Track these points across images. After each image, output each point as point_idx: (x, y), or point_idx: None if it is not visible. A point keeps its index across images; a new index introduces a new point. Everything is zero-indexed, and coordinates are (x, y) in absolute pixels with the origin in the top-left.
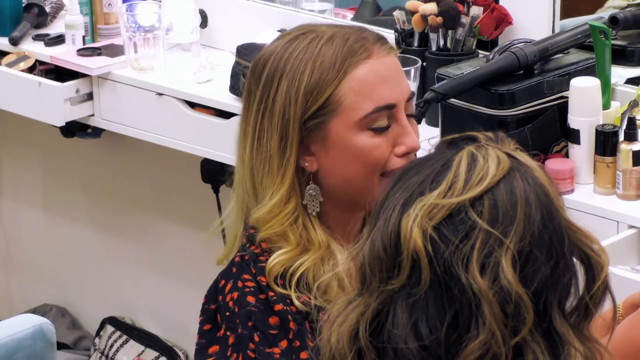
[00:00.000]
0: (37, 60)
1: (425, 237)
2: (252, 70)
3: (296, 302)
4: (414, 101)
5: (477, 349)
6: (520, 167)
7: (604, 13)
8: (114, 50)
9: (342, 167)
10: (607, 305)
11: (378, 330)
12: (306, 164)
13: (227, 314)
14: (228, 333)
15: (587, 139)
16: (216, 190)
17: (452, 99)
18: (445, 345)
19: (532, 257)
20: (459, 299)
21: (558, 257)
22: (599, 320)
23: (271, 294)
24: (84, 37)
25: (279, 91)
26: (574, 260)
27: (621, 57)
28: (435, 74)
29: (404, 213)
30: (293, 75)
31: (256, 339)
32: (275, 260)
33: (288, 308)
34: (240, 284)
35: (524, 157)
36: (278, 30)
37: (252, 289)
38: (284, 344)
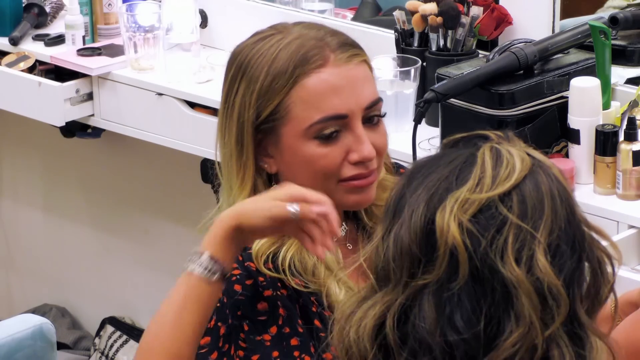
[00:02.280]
0: (37, 60)
1: (462, 230)
2: (227, 64)
3: (292, 283)
4: (380, 105)
5: (515, 342)
6: (541, 164)
7: (604, 13)
8: (114, 50)
9: (295, 173)
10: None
11: (402, 323)
12: (265, 166)
13: (217, 305)
14: (219, 324)
15: (587, 139)
16: (216, 191)
17: (452, 99)
18: (483, 339)
19: (559, 251)
20: (494, 292)
21: (581, 252)
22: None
23: (261, 279)
24: (84, 37)
25: (238, 93)
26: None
27: (621, 57)
28: (435, 74)
29: (435, 208)
30: (250, 78)
31: (246, 328)
32: (259, 246)
33: (278, 292)
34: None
35: (538, 155)
36: None
37: (238, 277)
38: (273, 329)
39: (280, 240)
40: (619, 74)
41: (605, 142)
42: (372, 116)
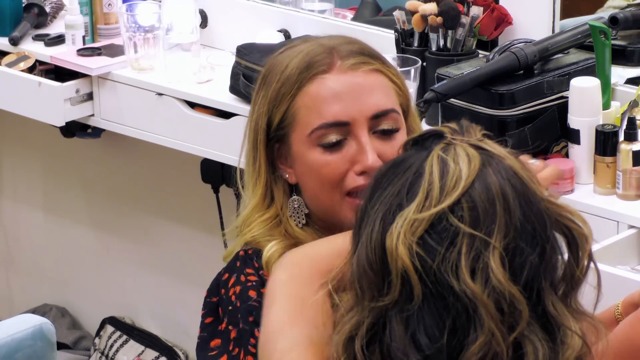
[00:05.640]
0: (37, 60)
1: (412, 253)
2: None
3: None
4: (394, 117)
5: (477, 351)
6: (491, 160)
7: (604, 13)
8: (114, 50)
9: (306, 183)
10: (591, 276)
11: (375, 343)
12: (286, 176)
13: (230, 308)
14: (230, 327)
15: (587, 139)
16: (216, 190)
17: (452, 99)
18: (447, 352)
19: (518, 250)
20: (454, 306)
21: (544, 243)
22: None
23: None
24: (84, 37)
25: (257, 101)
26: (557, 235)
27: (621, 57)
28: (435, 74)
29: (385, 230)
30: (267, 86)
31: (257, 334)
32: (270, 252)
33: None
34: (243, 278)
35: (492, 146)
36: (278, 30)
37: (254, 283)
38: None
39: (291, 248)
40: (619, 74)
41: (605, 142)
42: (386, 129)
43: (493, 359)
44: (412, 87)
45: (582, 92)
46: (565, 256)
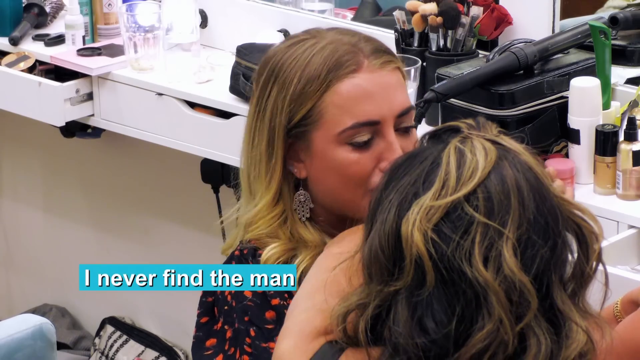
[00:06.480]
0: (37, 60)
1: (427, 239)
2: (257, 70)
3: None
4: (412, 114)
5: (484, 338)
6: (507, 154)
7: (604, 13)
8: (114, 50)
9: (325, 179)
10: (599, 275)
11: (379, 326)
12: (295, 170)
13: (225, 307)
14: (226, 327)
15: (587, 139)
16: (216, 190)
17: (452, 99)
18: (454, 338)
19: (530, 242)
20: (465, 293)
21: (555, 237)
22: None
23: None
24: (84, 37)
25: (270, 97)
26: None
27: (621, 57)
28: (435, 74)
29: (401, 216)
30: (283, 82)
31: (252, 333)
32: (269, 254)
33: (285, 302)
34: None
35: (508, 142)
36: (278, 30)
37: None
38: None
39: (292, 251)
40: (619, 74)
41: (605, 142)
42: (407, 126)
43: (498, 347)
44: (412, 87)
45: (582, 92)
46: (575, 255)
